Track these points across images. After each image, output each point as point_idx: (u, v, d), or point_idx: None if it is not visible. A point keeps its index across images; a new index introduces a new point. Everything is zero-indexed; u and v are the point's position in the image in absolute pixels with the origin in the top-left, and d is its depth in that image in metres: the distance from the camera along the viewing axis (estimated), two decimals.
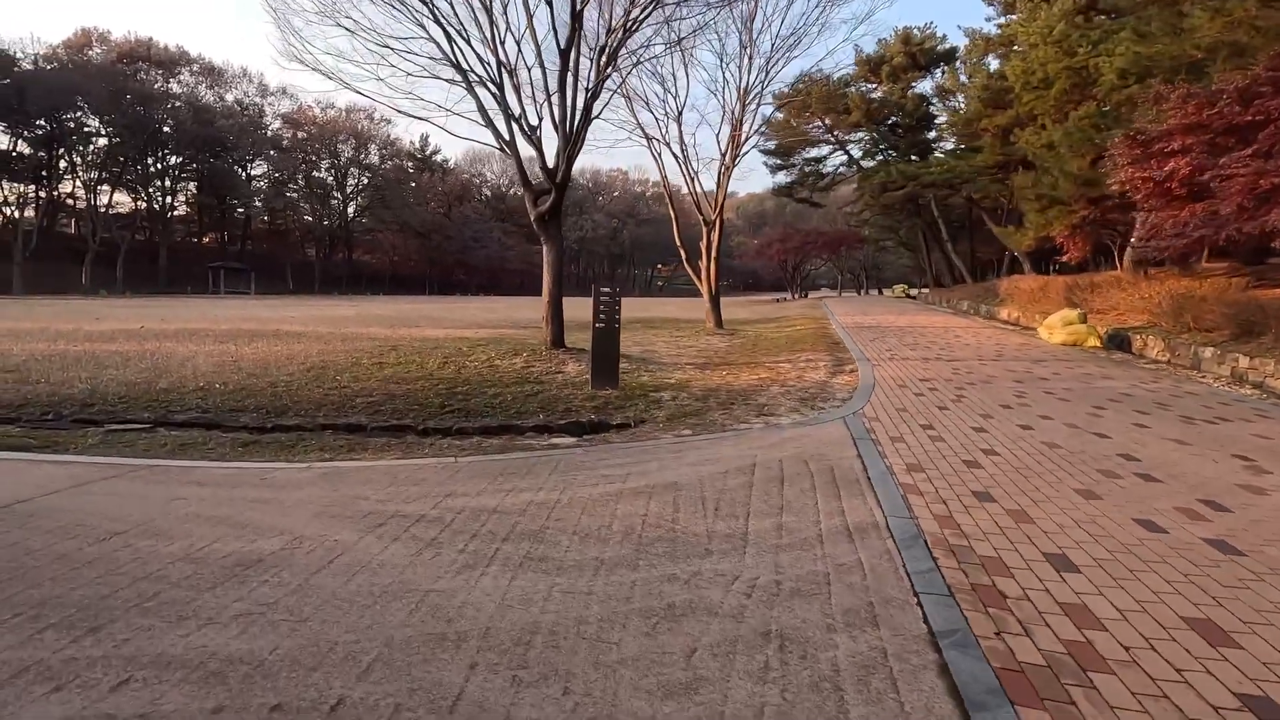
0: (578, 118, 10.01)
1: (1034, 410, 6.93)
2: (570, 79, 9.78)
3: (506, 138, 10.14)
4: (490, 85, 9.91)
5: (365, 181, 72.69)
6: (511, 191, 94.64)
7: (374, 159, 74.01)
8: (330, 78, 10.21)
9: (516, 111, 10.49)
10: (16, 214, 52.01)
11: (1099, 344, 13.57)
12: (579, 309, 12.81)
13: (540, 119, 11.03)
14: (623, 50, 10.44)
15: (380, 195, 70.69)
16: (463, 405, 7.27)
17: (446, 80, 10.37)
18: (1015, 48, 29.91)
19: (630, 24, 9.90)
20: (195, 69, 60.20)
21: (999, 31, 30.77)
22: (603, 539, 3.49)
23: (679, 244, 18.14)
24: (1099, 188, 15.88)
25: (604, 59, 10.03)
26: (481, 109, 10.05)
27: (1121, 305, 16.83)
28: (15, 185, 53.01)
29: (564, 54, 9.63)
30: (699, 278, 18.23)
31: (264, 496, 4.06)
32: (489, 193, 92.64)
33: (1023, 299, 22.89)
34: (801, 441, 5.80)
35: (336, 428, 6.42)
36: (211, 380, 7.98)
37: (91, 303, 33.69)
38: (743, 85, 16.20)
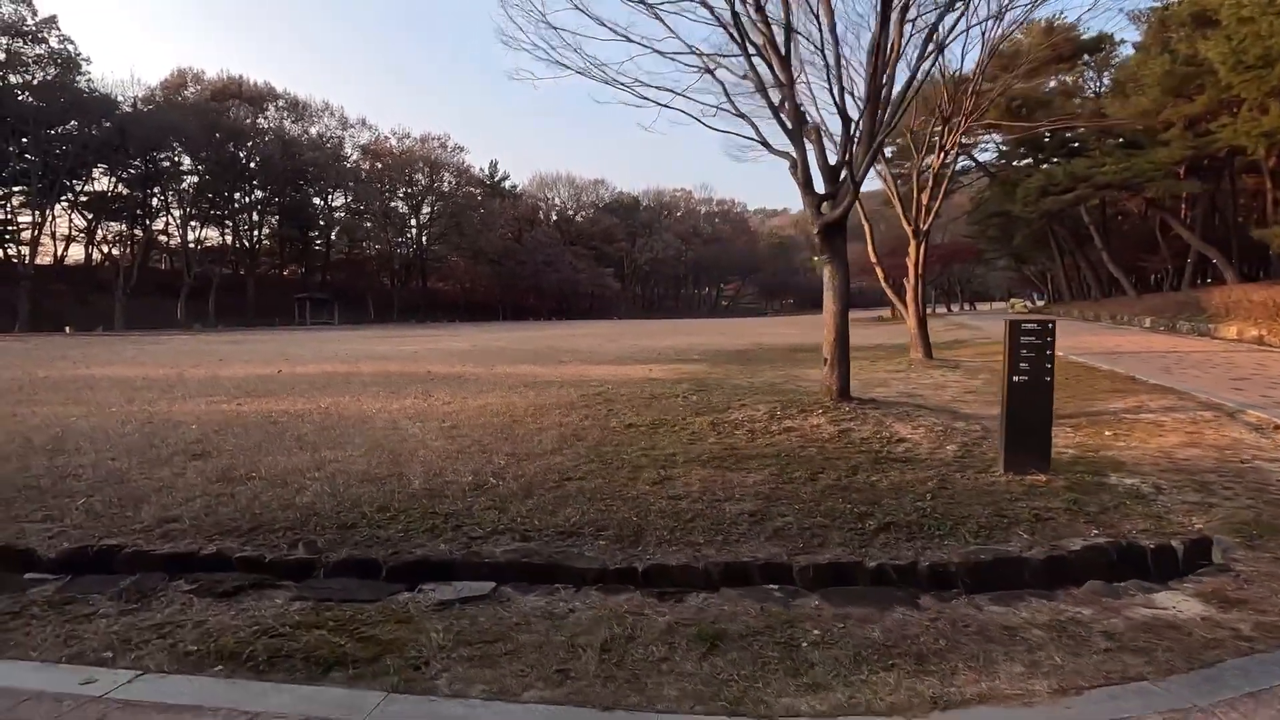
0: (894, 93, 7.52)
1: None
2: (886, 42, 7.29)
3: (790, 126, 7.69)
4: (773, 54, 7.50)
5: (439, 209, 72.71)
6: (578, 216, 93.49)
7: (446, 186, 74.11)
8: (588, 74, 8.10)
9: (780, 94, 8.04)
10: (116, 252, 53.30)
11: None
12: (672, 335, 10.02)
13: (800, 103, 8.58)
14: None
15: (455, 222, 70.47)
16: (877, 514, 4.68)
17: (691, 61, 8.02)
18: (1179, 33, 26.35)
19: None
20: (280, 104, 61.24)
21: (1169, 9, 27.19)
22: None
23: (874, 261, 15.42)
24: None
25: None
26: (762, 91, 7.64)
27: None
28: (113, 224, 54.47)
29: (883, 9, 7.18)
30: (900, 298, 15.42)
31: None
32: (555, 216, 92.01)
33: (1260, 313, 19.16)
34: None
35: (749, 574, 3.91)
36: (476, 471, 5.63)
37: (196, 339, 33.10)
38: (980, 58, 13.47)
